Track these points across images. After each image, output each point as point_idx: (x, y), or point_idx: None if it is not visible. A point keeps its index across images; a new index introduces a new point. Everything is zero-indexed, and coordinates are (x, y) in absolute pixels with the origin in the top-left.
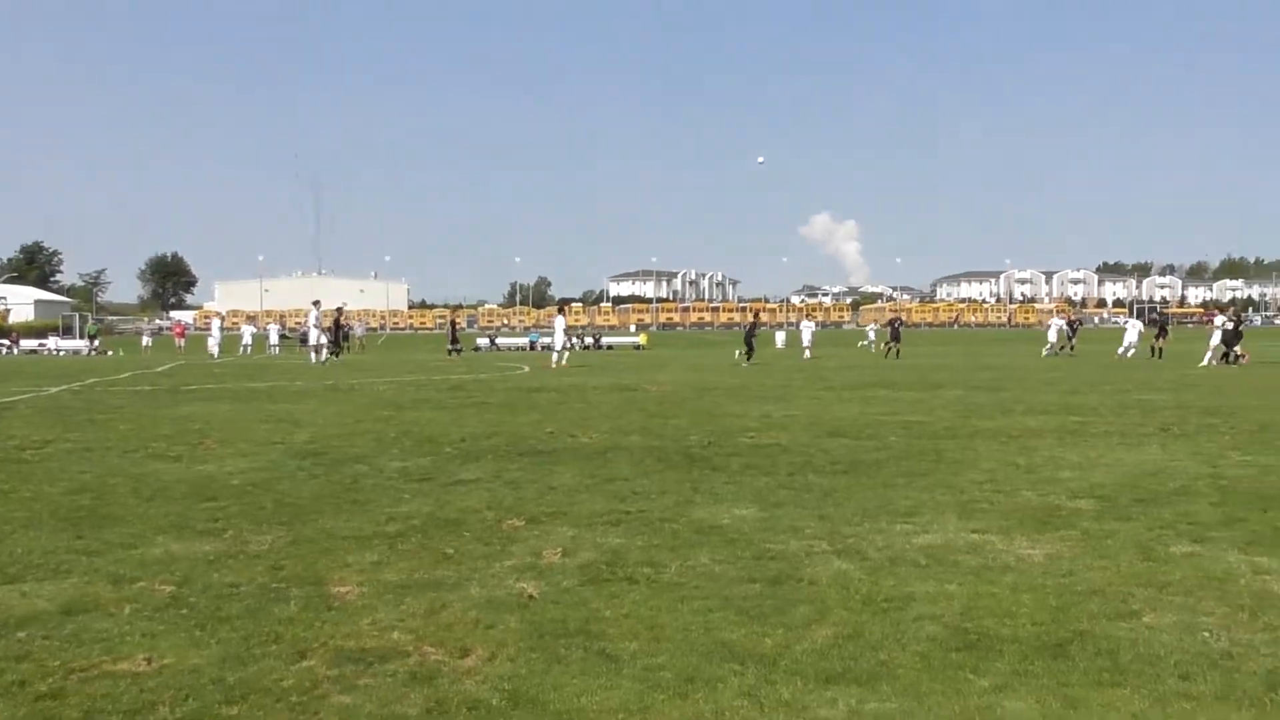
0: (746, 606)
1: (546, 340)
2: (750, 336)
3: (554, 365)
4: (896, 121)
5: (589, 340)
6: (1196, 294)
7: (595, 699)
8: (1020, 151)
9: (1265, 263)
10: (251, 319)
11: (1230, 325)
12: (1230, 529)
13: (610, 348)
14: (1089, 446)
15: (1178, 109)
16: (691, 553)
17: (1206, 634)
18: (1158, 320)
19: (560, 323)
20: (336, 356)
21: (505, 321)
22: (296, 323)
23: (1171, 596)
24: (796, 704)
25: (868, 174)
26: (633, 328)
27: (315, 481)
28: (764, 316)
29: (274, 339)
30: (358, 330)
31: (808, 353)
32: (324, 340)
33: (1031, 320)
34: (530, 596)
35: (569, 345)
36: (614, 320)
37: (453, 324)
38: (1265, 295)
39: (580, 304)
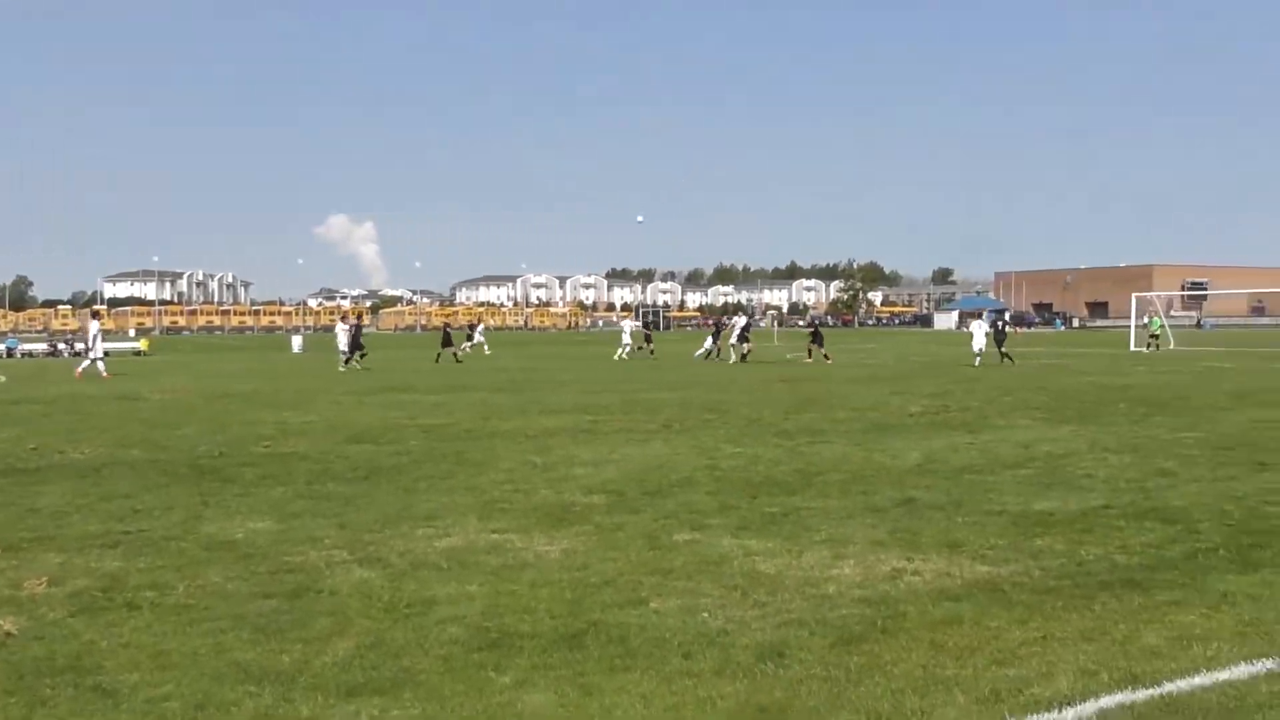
0: (263, 624)
1: (28, 347)
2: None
3: (103, 375)
4: (416, 125)
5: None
6: (694, 298)
7: None
8: (529, 160)
9: (751, 270)
10: None
11: (736, 327)
12: (725, 516)
13: (105, 354)
14: (601, 444)
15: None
16: (201, 571)
17: (705, 614)
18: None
19: (95, 327)
20: None
21: None
22: None
23: (675, 582)
24: None
25: (386, 175)
26: (132, 332)
27: None
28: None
29: None
30: None
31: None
32: None
33: (547, 323)
34: (8, 633)
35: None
36: (110, 324)
37: None
38: (751, 300)
39: (70, 306)
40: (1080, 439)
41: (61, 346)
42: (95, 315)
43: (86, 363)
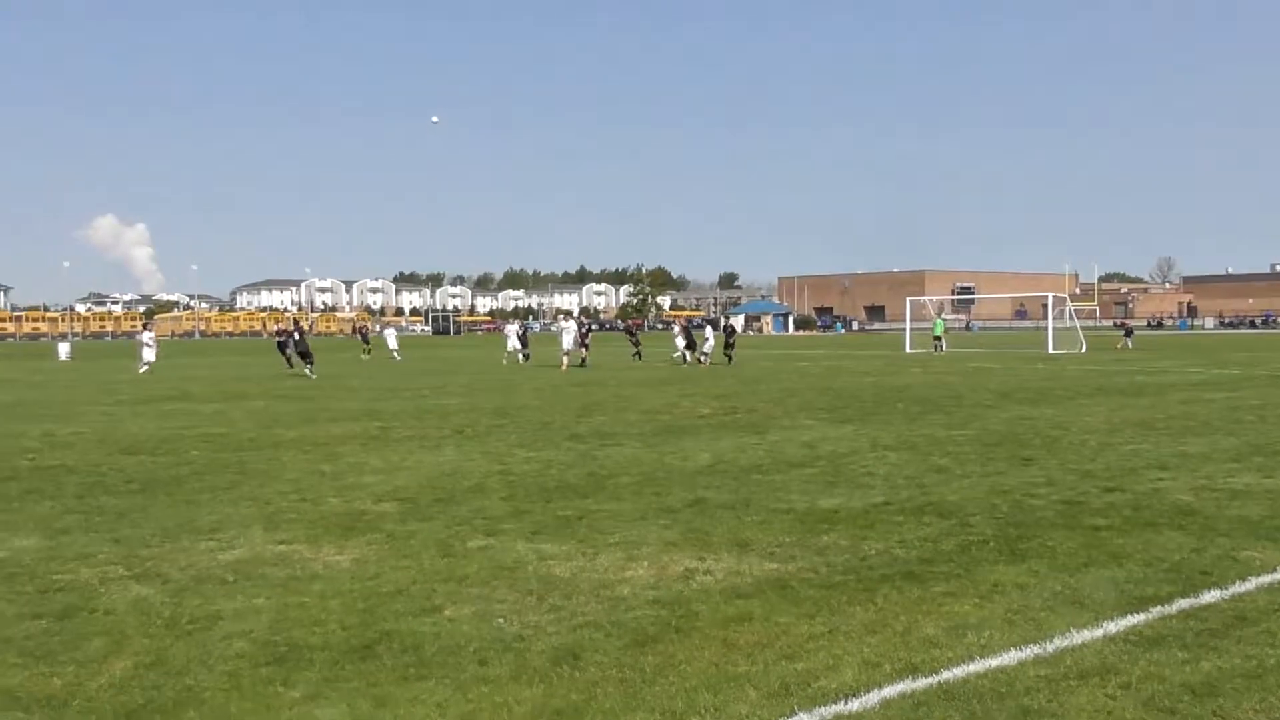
0: (30, 646)
1: None
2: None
3: None
4: (183, 121)
5: None
6: (484, 303)
7: None
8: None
9: (542, 274)
10: None
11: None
12: (519, 520)
13: None
14: (391, 451)
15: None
16: None
17: (501, 620)
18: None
19: None
20: None
21: None
22: None
23: (469, 588)
24: None
25: (157, 175)
26: None
27: None
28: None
29: None
30: None
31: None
32: None
33: (334, 329)
34: None
35: None
36: None
37: None
38: (542, 304)
39: None
40: (862, 438)
41: None
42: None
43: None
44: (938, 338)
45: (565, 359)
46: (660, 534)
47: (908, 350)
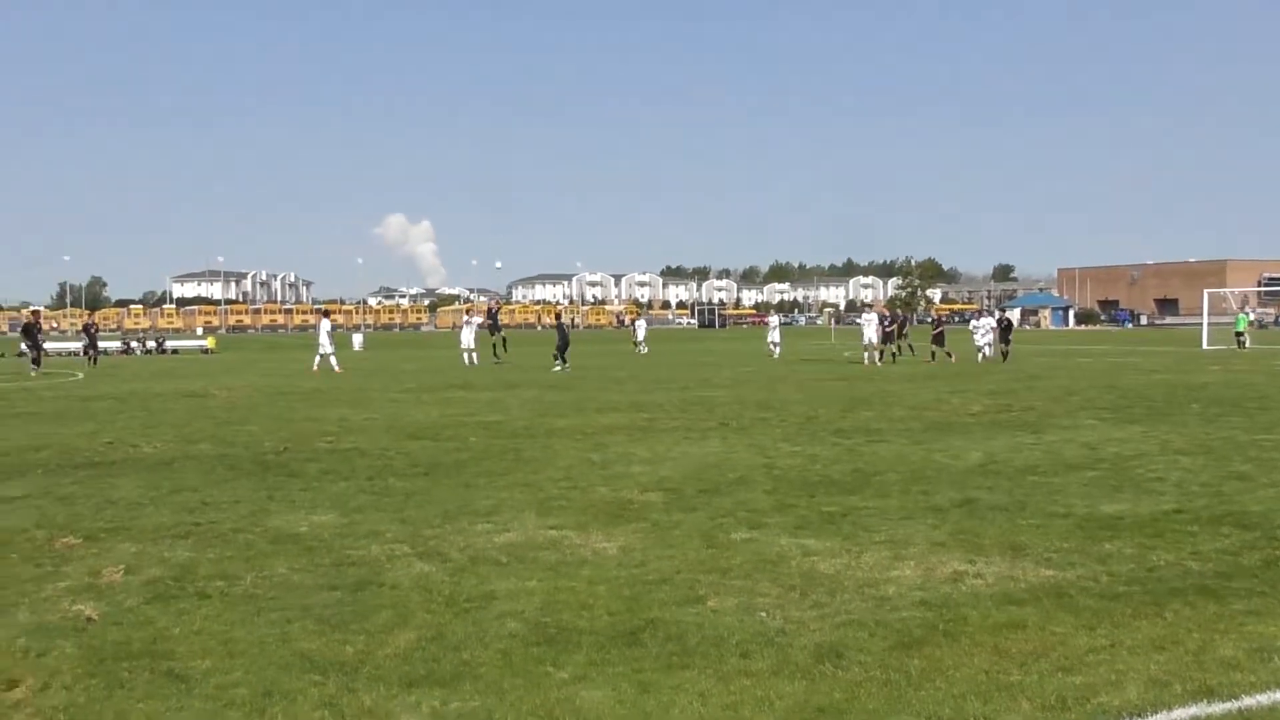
0: (326, 615)
1: (103, 345)
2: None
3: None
4: (470, 122)
5: (150, 344)
6: (749, 296)
7: None
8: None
9: (807, 267)
10: None
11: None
12: (783, 514)
13: (175, 351)
14: (657, 441)
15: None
16: (268, 563)
17: (763, 614)
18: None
19: (326, 325)
20: None
21: (55, 324)
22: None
23: (732, 580)
24: (379, 710)
25: (442, 175)
26: (199, 330)
27: None
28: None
29: None
30: None
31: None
32: None
33: (603, 321)
34: (89, 619)
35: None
36: (179, 323)
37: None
38: (808, 297)
39: (141, 305)
40: (1150, 440)
41: (134, 345)
42: (326, 314)
43: (318, 358)
44: (1240, 333)
45: (867, 355)
46: (928, 534)
47: (1204, 347)
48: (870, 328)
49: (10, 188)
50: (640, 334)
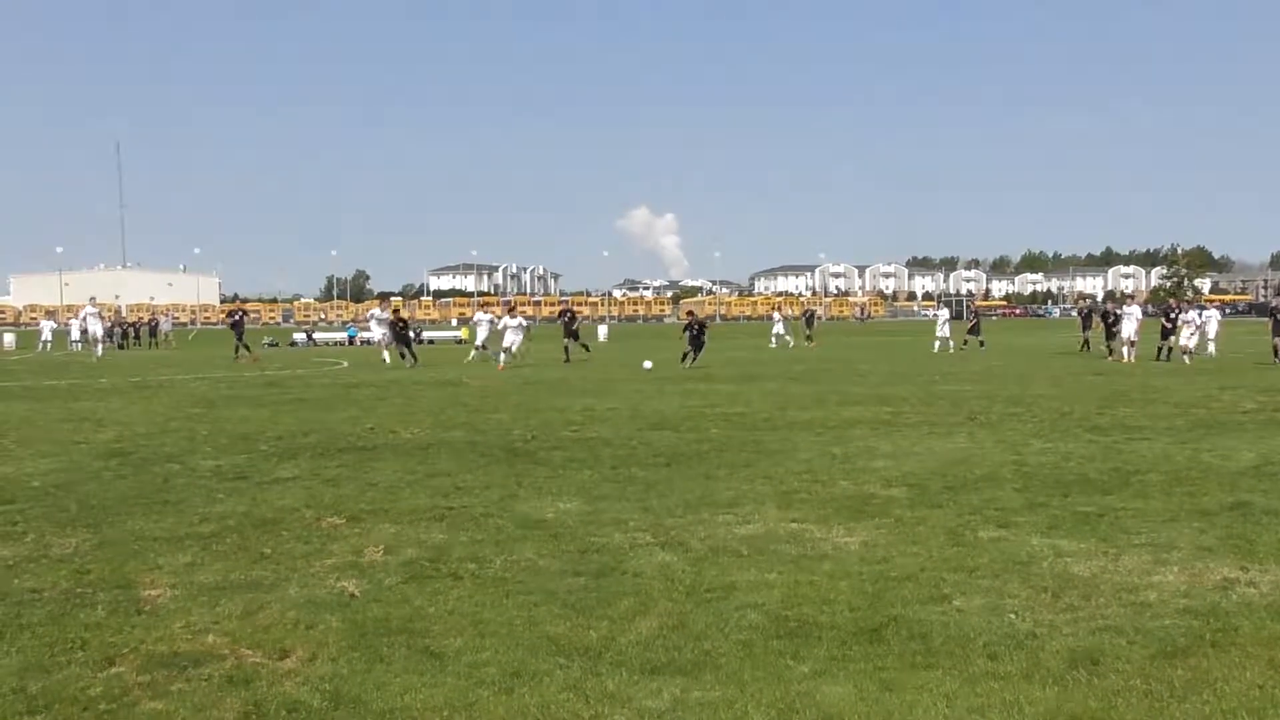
0: (571, 600)
1: (366, 335)
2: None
3: (499, 364)
4: (713, 115)
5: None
6: (1000, 287)
7: (419, 697)
8: (830, 148)
9: (1062, 257)
10: (51, 314)
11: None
12: (1033, 514)
13: (431, 342)
14: (901, 436)
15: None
16: (516, 547)
17: (1013, 615)
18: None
19: (513, 320)
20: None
21: (322, 316)
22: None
23: (979, 580)
24: (621, 695)
25: (686, 168)
26: (454, 321)
27: (122, 482)
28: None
29: (76, 335)
30: (164, 325)
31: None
32: (100, 335)
33: (846, 313)
34: (351, 595)
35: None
36: (435, 314)
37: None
38: (1062, 288)
39: (400, 297)
40: None
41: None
42: (483, 307)
43: (503, 356)
44: None
45: (1127, 350)
46: (1194, 538)
47: None
48: (1130, 322)
49: (289, 188)
50: (780, 327)
